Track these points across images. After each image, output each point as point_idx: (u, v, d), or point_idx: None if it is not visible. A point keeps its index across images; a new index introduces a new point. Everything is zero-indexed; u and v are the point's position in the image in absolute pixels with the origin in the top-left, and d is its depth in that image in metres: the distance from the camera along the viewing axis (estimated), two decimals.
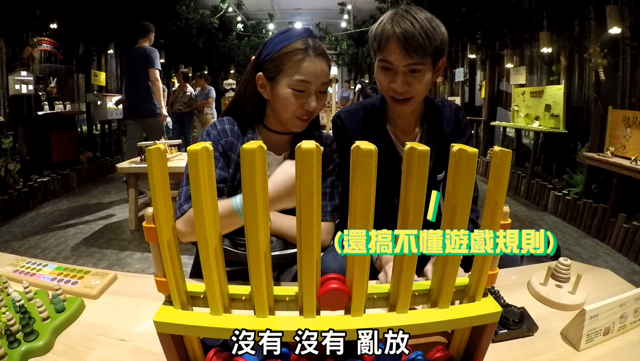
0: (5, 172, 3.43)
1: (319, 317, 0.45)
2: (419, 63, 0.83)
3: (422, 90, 0.88)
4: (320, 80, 0.84)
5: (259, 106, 0.92)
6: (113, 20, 4.65)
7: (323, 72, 0.84)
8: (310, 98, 0.84)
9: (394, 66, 0.85)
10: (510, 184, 4.10)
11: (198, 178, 0.39)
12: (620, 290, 0.66)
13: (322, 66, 0.84)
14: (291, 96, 0.83)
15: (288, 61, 0.82)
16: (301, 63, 0.82)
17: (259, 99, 0.91)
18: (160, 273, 0.44)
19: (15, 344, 0.55)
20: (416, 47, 0.80)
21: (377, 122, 0.99)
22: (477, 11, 4.36)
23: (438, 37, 0.83)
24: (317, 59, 0.83)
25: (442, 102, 1.04)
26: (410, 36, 0.80)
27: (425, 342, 0.57)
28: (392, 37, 0.82)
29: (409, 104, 0.89)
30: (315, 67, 0.82)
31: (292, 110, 0.84)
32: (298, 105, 0.84)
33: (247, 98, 0.92)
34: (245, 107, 0.93)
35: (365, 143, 0.38)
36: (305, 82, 0.82)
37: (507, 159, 0.41)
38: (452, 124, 1.01)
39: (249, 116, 0.93)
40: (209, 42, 7.49)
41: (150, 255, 2.19)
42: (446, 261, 0.45)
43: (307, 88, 0.83)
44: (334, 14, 8.45)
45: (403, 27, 0.81)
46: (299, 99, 0.83)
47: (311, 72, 0.82)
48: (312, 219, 0.40)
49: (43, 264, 0.82)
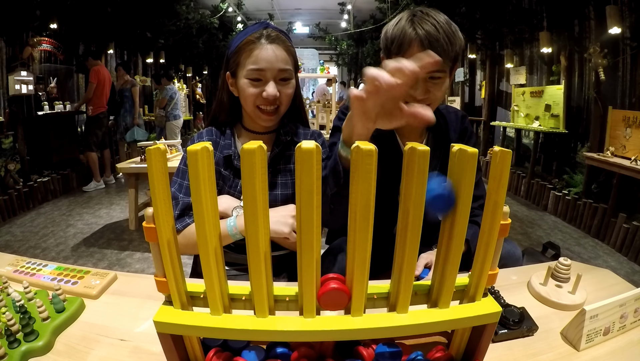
0: (5, 172, 3.42)
1: (319, 317, 0.45)
2: (441, 70, 0.80)
3: (440, 97, 0.84)
4: (276, 66, 0.82)
5: (236, 108, 0.92)
6: (113, 20, 4.65)
7: (277, 57, 0.82)
8: (267, 86, 0.82)
9: None
10: (510, 184, 4.10)
11: (198, 178, 0.39)
12: (620, 290, 0.66)
13: (276, 51, 0.82)
14: (248, 85, 0.82)
15: (243, 53, 0.82)
16: (252, 52, 0.81)
17: (233, 101, 0.90)
18: (160, 273, 0.44)
19: (15, 344, 0.55)
20: (440, 52, 0.76)
21: None
22: (477, 11, 4.36)
23: (458, 42, 0.80)
24: (270, 45, 0.82)
25: (447, 109, 1.02)
26: (434, 40, 0.76)
27: (425, 342, 0.57)
28: (415, 41, 0.78)
29: None
30: (268, 53, 0.81)
31: (252, 100, 0.83)
32: (256, 94, 0.82)
33: (222, 103, 0.92)
34: (222, 113, 0.93)
35: (365, 143, 0.38)
36: (259, 70, 0.81)
37: (507, 159, 0.41)
38: (459, 132, 0.99)
39: (226, 123, 0.93)
40: (209, 42, 7.49)
41: (150, 255, 2.19)
42: (446, 261, 0.45)
43: (262, 76, 0.82)
44: (334, 14, 8.45)
45: (427, 30, 0.77)
46: (256, 88, 0.82)
47: (263, 59, 0.81)
48: (312, 219, 0.40)
49: (43, 264, 0.82)
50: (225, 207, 0.83)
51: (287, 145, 0.93)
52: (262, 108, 0.84)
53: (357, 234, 0.41)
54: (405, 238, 0.42)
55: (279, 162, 0.93)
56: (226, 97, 0.90)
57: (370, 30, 7.72)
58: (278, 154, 0.92)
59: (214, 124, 0.95)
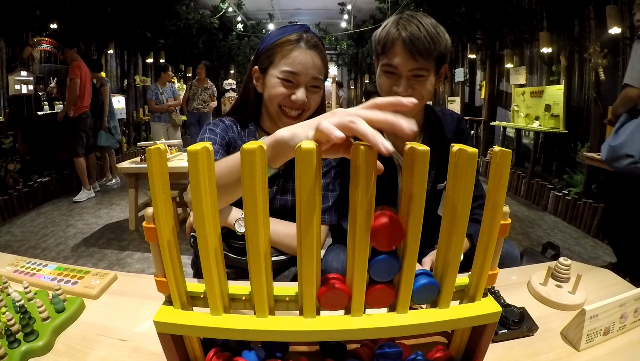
0: (5, 172, 3.42)
1: (319, 317, 0.45)
2: (423, 68, 0.83)
3: (425, 95, 0.87)
4: (310, 73, 0.81)
5: (258, 105, 0.91)
6: (113, 20, 4.65)
7: (314, 65, 0.81)
8: (298, 90, 0.81)
9: (398, 70, 0.84)
10: (510, 184, 4.10)
11: (198, 178, 0.39)
12: (620, 290, 0.66)
13: (314, 58, 0.81)
14: (278, 85, 0.81)
15: (279, 52, 0.81)
16: (290, 53, 0.80)
17: (258, 96, 0.89)
18: (160, 273, 0.44)
19: (15, 344, 0.55)
20: (422, 50, 0.80)
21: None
22: (477, 11, 4.36)
23: (442, 42, 0.83)
24: (309, 51, 0.81)
25: (442, 111, 1.03)
26: (416, 39, 0.80)
27: (425, 342, 0.57)
28: (398, 41, 0.82)
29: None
30: (305, 58, 0.80)
31: (278, 100, 0.82)
32: (284, 95, 0.81)
33: (249, 95, 0.90)
34: (248, 106, 0.91)
35: (365, 143, 0.38)
36: (293, 73, 0.80)
37: (507, 159, 0.41)
38: (455, 134, 1.00)
39: (249, 117, 0.92)
40: (209, 42, 7.50)
41: (150, 255, 2.19)
42: (446, 261, 0.45)
43: (295, 79, 0.81)
44: (334, 14, 8.45)
45: (409, 31, 0.81)
46: (286, 89, 0.81)
47: (300, 63, 0.79)
48: (312, 219, 0.40)
49: (43, 264, 0.82)
50: (228, 218, 0.81)
51: None
52: (286, 110, 0.83)
53: (357, 234, 0.41)
54: (406, 238, 0.42)
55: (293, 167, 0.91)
56: (253, 92, 0.89)
57: (370, 30, 7.72)
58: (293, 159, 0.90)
59: (235, 116, 0.93)
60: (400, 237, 0.42)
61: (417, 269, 0.46)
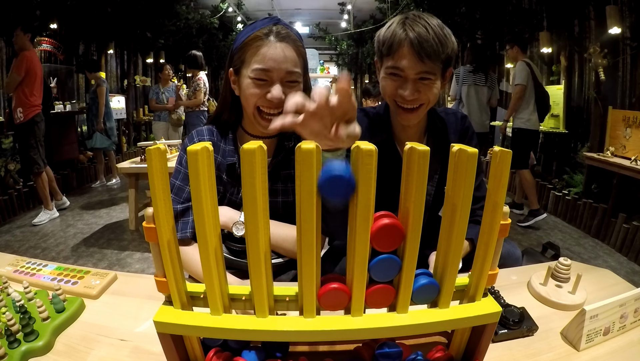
0: (5, 172, 3.42)
1: (319, 317, 0.45)
2: (430, 72, 0.80)
3: (432, 99, 0.84)
4: (284, 67, 0.75)
5: (238, 108, 0.86)
6: (113, 20, 4.65)
7: (286, 58, 0.75)
8: (272, 87, 0.75)
9: (404, 73, 0.81)
10: (510, 184, 4.10)
11: (198, 178, 0.39)
12: (620, 290, 0.66)
13: (285, 51, 0.75)
14: (251, 85, 0.76)
15: (249, 50, 0.76)
16: (259, 50, 0.74)
17: (236, 100, 0.84)
18: (160, 273, 0.44)
19: (15, 344, 0.55)
20: (430, 52, 0.77)
21: (383, 133, 0.94)
22: (477, 11, 4.36)
23: (450, 44, 0.80)
24: (280, 44, 0.75)
25: (445, 112, 1.00)
26: (424, 41, 0.77)
27: (425, 342, 0.57)
28: (405, 42, 0.78)
29: (417, 113, 0.85)
30: (276, 52, 0.74)
31: (254, 101, 0.77)
32: (259, 95, 0.76)
33: (225, 100, 0.86)
34: (224, 111, 0.87)
35: (365, 143, 0.38)
36: (265, 70, 0.74)
37: (507, 159, 0.41)
38: (459, 133, 0.97)
39: (228, 122, 0.88)
40: (209, 42, 7.49)
41: (150, 255, 2.19)
42: (446, 261, 0.45)
43: (268, 76, 0.75)
44: (334, 14, 8.45)
45: (417, 32, 0.77)
46: (260, 89, 0.76)
47: (270, 58, 0.74)
48: (312, 220, 0.40)
49: (43, 264, 0.82)
50: (225, 220, 0.79)
51: (289, 151, 0.88)
52: (264, 111, 0.78)
53: (357, 234, 0.41)
54: (406, 238, 0.42)
55: (280, 168, 0.89)
56: (229, 95, 0.85)
57: (370, 30, 7.72)
58: (280, 161, 0.88)
59: (215, 123, 0.90)
60: (400, 238, 0.42)
61: (417, 270, 0.46)
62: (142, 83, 6.11)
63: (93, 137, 4.04)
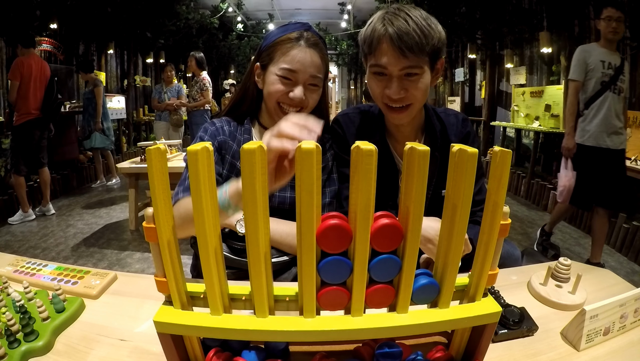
0: (5, 172, 3.42)
1: (319, 317, 0.45)
2: (415, 66, 0.75)
3: (420, 96, 0.79)
4: (309, 71, 0.81)
5: (257, 101, 0.92)
6: (113, 20, 4.65)
7: (313, 63, 0.82)
8: (296, 87, 0.82)
9: (387, 70, 0.77)
10: (510, 184, 4.10)
11: (198, 178, 0.39)
12: (620, 290, 0.66)
13: (313, 56, 0.82)
14: (277, 82, 0.82)
15: (279, 50, 0.82)
16: (290, 51, 0.81)
17: (258, 92, 0.90)
18: (160, 273, 0.44)
19: (15, 344, 0.55)
20: (412, 45, 0.72)
21: (376, 133, 0.92)
22: (477, 11, 4.36)
23: (435, 35, 0.75)
24: (308, 49, 0.81)
25: (445, 112, 0.96)
26: (404, 34, 0.72)
27: (425, 342, 0.57)
28: (384, 37, 0.74)
29: (406, 112, 0.81)
30: (304, 56, 0.81)
31: (276, 97, 0.83)
32: (282, 92, 0.82)
33: (247, 91, 0.91)
34: (245, 102, 0.92)
35: (365, 143, 0.38)
36: (292, 70, 0.81)
37: (507, 159, 0.41)
38: (461, 136, 0.93)
39: (246, 113, 0.93)
40: (209, 42, 7.50)
41: (150, 255, 2.19)
42: (446, 261, 0.45)
43: (293, 77, 0.81)
44: (334, 14, 8.46)
45: (396, 26, 0.73)
46: (285, 87, 0.82)
47: (298, 61, 0.80)
48: (312, 219, 0.40)
49: (43, 264, 0.82)
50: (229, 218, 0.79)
51: None
52: (284, 107, 0.84)
53: (357, 234, 0.41)
54: (406, 238, 0.42)
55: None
56: (252, 87, 0.90)
57: None
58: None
59: (231, 114, 0.93)
60: (400, 238, 0.42)
61: (417, 270, 0.46)
62: (142, 83, 6.11)
63: (92, 138, 4.05)
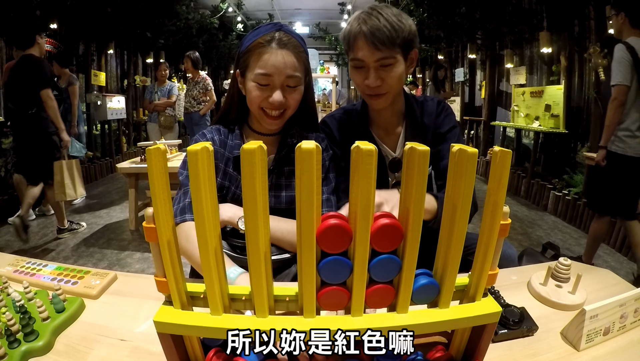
0: (6, 172, 3.42)
1: (319, 317, 0.45)
2: (389, 57, 0.86)
3: (395, 83, 0.89)
4: (284, 72, 0.80)
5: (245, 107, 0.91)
6: (113, 20, 4.65)
7: (287, 64, 0.80)
8: (274, 91, 0.81)
9: (365, 63, 0.88)
10: (510, 184, 4.10)
11: (198, 178, 0.39)
12: (620, 290, 0.66)
13: (286, 57, 0.80)
14: (255, 88, 0.82)
15: (252, 56, 0.82)
16: (262, 56, 0.80)
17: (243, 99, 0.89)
18: (160, 273, 0.44)
19: (15, 344, 0.55)
20: (383, 39, 0.83)
21: (360, 126, 1.01)
22: (477, 11, 4.36)
23: (405, 28, 0.86)
24: (280, 50, 0.80)
25: (425, 98, 1.06)
26: (376, 30, 0.83)
27: (425, 342, 0.57)
28: (359, 35, 0.85)
29: (383, 98, 0.91)
30: (277, 59, 0.80)
31: (257, 103, 0.83)
32: (262, 98, 0.82)
33: (233, 99, 0.92)
34: (232, 110, 0.92)
35: (365, 143, 0.38)
36: (266, 75, 0.80)
37: (507, 159, 0.41)
38: (434, 115, 1.01)
39: (236, 120, 0.93)
40: (209, 42, 7.49)
41: (150, 255, 2.19)
42: (446, 261, 0.45)
43: (269, 81, 0.81)
44: (334, 14, 8.45)
45: (369, 24, 0.84)
46: (263, 92, 0.82)
47: (272, 65, 0.79)
48: (312, 219, 0.40)
49: (43, 264, 0.82)
50: (230, 215, 0.82)
51: (292, 148, 0.91)
52: (267, 111, 0.84)
53: (357, 234, 0.41)
54: (405, 238, 0.42)
55: (284, 164, 0.92)
56: (236, 95, 0.90)
57: None
58: (283, 157, 0.92)
59: (222, 122, 0.94)
60: (399, 238, 0.42)
61: (417, 270, 0.46)
62: (142, 83, 6.10)
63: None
